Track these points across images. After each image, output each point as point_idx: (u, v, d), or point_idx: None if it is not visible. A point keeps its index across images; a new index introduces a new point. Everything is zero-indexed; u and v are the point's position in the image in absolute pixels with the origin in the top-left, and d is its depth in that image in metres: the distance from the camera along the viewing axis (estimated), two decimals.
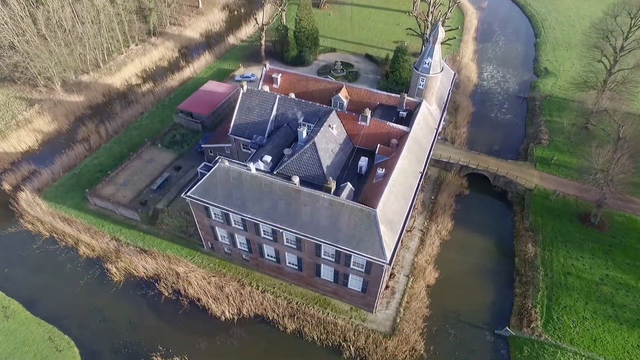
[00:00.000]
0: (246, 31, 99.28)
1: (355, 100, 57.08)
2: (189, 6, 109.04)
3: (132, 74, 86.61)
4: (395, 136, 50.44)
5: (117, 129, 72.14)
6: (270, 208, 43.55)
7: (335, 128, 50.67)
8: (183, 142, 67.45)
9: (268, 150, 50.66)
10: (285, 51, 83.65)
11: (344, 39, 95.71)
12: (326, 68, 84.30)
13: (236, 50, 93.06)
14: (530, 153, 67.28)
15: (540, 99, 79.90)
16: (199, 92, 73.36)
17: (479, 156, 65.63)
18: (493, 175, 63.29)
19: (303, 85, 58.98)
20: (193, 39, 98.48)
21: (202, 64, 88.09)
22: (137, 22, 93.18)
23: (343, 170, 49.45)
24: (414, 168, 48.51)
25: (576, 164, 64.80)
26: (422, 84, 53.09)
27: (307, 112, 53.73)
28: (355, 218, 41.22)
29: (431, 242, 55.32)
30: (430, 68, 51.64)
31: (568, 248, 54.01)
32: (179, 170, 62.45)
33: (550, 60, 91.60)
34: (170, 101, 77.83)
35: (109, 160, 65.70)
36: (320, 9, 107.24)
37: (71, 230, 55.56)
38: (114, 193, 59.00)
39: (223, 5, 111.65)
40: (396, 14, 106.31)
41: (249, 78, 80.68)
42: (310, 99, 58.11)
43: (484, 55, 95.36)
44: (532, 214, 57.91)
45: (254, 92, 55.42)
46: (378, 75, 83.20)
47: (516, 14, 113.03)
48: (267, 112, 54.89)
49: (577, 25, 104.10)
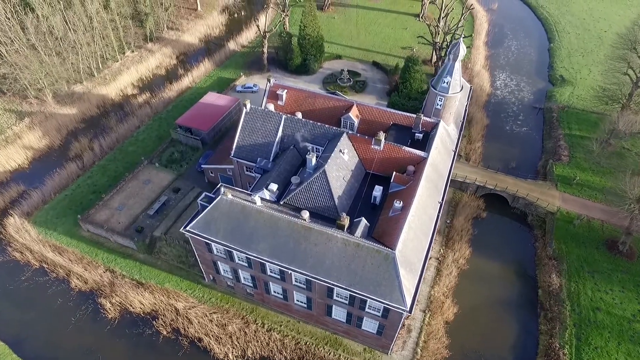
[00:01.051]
0: (247, 36, 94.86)
1: (366, 120, 53.10)
2: (187, 9, 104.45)
3: (128, 83, 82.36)
4: (412, 162, 46.56)
5: (112, 144, 68.12)
6: (277, 246, 39.76)
7: (347, 153, 46.76)
8: (182, 161, 63.47)
9: (274, 177, 46.77)
10: (288, 59, 79.43)
11: (349, 45, 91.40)
12: (332, 77, 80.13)
13: (237, 57, 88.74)
14: (550, 171, 63.43)
15: (557, 110, 75.92)
16: (198, 105, 69.24)
17: (496, 175, 61.80)
18: (512, 196, 59.51)
19: (310, 103, 54.95)
20: (192, 45, 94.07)
21: (202, 72, 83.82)
22: (132, 28, 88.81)
23: (355, 200, 45.58)
24: (433, 198, 44.68)
25: (599, 183, 61.26)
26: (440, 104, 49.12)
27: (315, 134, 49.82)
28: (372, 260, 37.45)
29: (448, 272, 51.67)
30: (450, 87, 47.65)
31: (596, 279, 50.37)
32: (178, 193, 58.54)
33: (566, 67, 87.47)
34: (168, 113, 73.72)
35: (103, 179, 61.79)
36: (324, 12, 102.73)
37: (62, 261, 51.78)
38: (109, 218, 55.13)
39: (223, 8, 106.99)
40: (403, 17, 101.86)
41: (251, 89, 76.54)
42: (318, 118, 54.23)
43: (496, 62, 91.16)
44: (555, 241, 54.19)
45: (258, 112, 51.41)
46: (387, 84, 79.04)
47: (528, 17, 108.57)
48: (272, 134, 50.94)
49: (592, 29, 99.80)
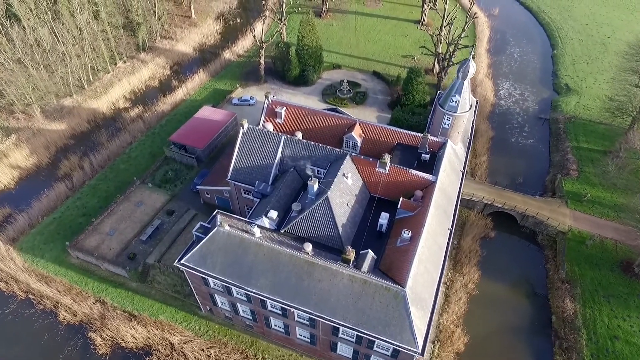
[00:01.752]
0: (243, 44, 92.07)
1: (370, 139, 50.61)
2: (181, 17, 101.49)
3: (120, 96, 79.40)
4: (419, 186, 44.10)
5: (102, 162, 65.24)
6: (278, 282, 37.18)
7: (350, 177, 44.23)
8: (176, 180, 60.68)
9: (273, 203, 44.16)
10: (286, 70, 76.78)
11: (348, 53, 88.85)
12: (331, 88, 77.55)
13: (233, 67, 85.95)
14: (559, 187, 61.20)
15: (563, 121, 73.75)
16: (193, 120, 66.44)
17: (504, 192, 59.47)
18: (521, 215, 57.21)
19: (310, 121, 52.39)
20: (186, 54, 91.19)
21: (196, 83, 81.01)
22: (124, 38, 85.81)
23: (360, 227, 43.08)
24: (442, 225, 42.24)
25: (611, 199, 59.13)
26: (448, 123, 46.71)
27: (317, 156, 47.24)
28: (380, 298, 34.95)
29: (457, 298, 49.28)
30: (459, 107, 45.23)
31: (612, 305, 48.12)
32: (172, 215, 55.80)
33: (570, 75, 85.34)
34: (161, 128, 70.87)
35: (94, 201, 58.95)
36: (322, 19, 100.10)
37: (50, 291, 48.93)
38: (99, 245, 52.31)
39: (217, 15, 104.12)
40: (403, 23, 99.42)
41: (248, 101, 73.82)
42: (319, 137, 51.75)
43: (499, 70, 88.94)
44: (568, 263, 51.94)
45: (256, 132, 48.79)
46: (388, 95, 76.58)
47: (529, 22, 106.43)
48: (271, 155, 48.32)
49: (595, 35, 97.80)
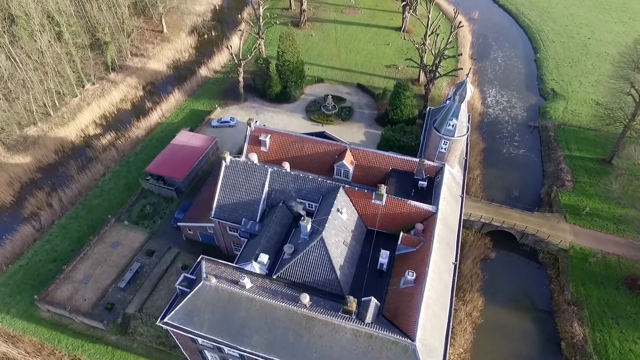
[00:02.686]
0: (220, 59, 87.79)
1: (362, 166, 47.53)
2: (152, 31, 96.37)
3: (90, 121, 74.15)
4: (419, 218, 41.24)
5: (73, 198, 60.26)
6: (274, 340, 33.63)
7: (345, 211, 41.01)
8: (155, 215, 56.28)
9: (263, 245, 40.58)
10: (267, 87, 73.04)
11: (330, 65, 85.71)
12: (315, 104, 74.21)
13: (210, 85, 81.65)
14: (555, 200, 59.51)
15: (553, 128, 72.42)
16: (170, 147, 62.00)
17: (501, 209, 57.35)
18: (520, 233, 55.14)
19: (297, 148, 48.95)
20: (159, 72, 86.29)
21: (172, 104, 76.43)
22: (91, 58, 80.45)
23: (359, 266, 39.91)
24: (446, 260, 39.47)
25: (609, 211, 57.71)
26: (445, 147, 44.02)
27: (307, 188, 43.86)
28: (388, 352, 31.83)
29: (462, 329, 46.67)
30: (456, 130, 42.58)
31: (621, 327, 46.35)
32: (152, 256, 51.47)
33: (555, 79, 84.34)
34: (136, 156, 66.15)
35: (65, 243, 54.07)
36: (301, 29, 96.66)
37: (18, 354, 44.05)
38: (72, 295, 47.63)
39: (191, 29, 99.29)
40: (384, 31, 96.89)
41: (228, 123, 69.76)
42: (307, 165, 48.49)
43: (484, 76, 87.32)
44: (572, 283, 50.05)
45: (240, 165, 45.06)
46: (374, 110, 73.75)
47: (510, 25, 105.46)
48: (257, 190, 44.70)
49: (576, 37, 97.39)
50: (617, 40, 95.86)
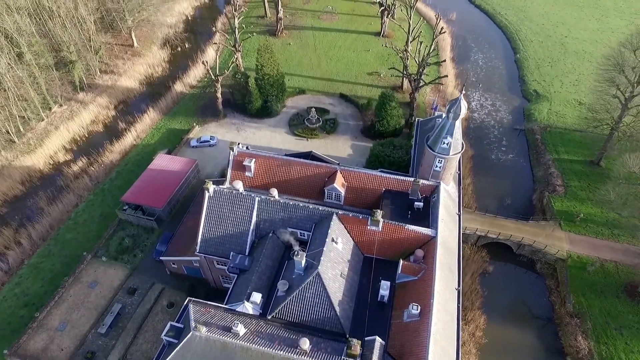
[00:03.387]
0: (195, 73, 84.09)
1: (354, 187, 45.22)
2: (121, 46, 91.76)
3: (59, 147, 69.49)
4: (419, 243, 39.22)
5: (44, 233, 55.94)
6: None
7: (340, 241, 38.61)
8: (135, 248, 52.64)
9: (255, 283, 37.83)
10: (247, 102, 69.95)
11: (311, 75, 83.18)
12: (298, 117, 71.56)
13: (186, 101, 77.92)
14: (548, 206, 58.66)
15: (539, 131, 71.86)
16: (147, 173, 58.32)
17: (496, 220, 56.06)
18: (517, 244, 53.95)
19: (285, 172, 46.27)
20: (131, 90, 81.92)
21: (147, 124, 72.43)
22: (57, 78, 75.54)
23: (359, 298, 37.61)
24: (450, 287, 37.55)
25: (602, 215, 57.18)
26: (440, 166, 42.13)
27: (298, 217, 41.27)
28: None
29: (466, 351, 44.93)
30: (451, 148, 40.72)
31: (625, 337, 45.51)
32: (135, 294, 47.90)
33: (537, 80, 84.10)
34: (111, 183, 62.15)
35: (37, 285, 49.92)
36: (278, 38, 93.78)
37: None
38: (47, 345, 43.70)
39: (163, 41, 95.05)
40: (364, 37, 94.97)
41: (209, 142, 66.40)
42: (296, 190, 45.90)
43: (467, 80, 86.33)
44: (573, 294, 49.05)
45: (224, 195, 42.12)
46: (359, 121, 71.61)
47: (488, 26, 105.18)
48: (244, 221, 41.87)
49: (553, 35, 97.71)
50: (593, 38, 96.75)
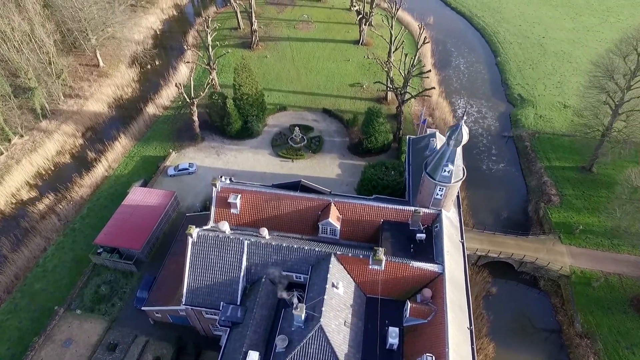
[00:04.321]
0: (168, 93, 79.24)
1: (349, 220, 42.09)
2: (86, 66, 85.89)
3: (21, 183, 63.75)
4: (425, 280, 36.44)
5: (9, 285, 50.65)
6: None
7: (342, 285, 35.42)
8: (113, 296, 48.01)
9: (251, 339, 34.21)
10: (226, 124, 65.87)
11: (291, 90, 79.66)
12: (281, 137, 67.96)
13: (160, 124, 73.08)
14: (545, 218, 57.13)
15: (528, 137, 70.61)
16: (122, 209, 53.63)
17: (495, 238, 54.03)
18: (519, 262, 52.05)
19: (274, 207, 42.71)
20: (100, 114, 76.43)
21: (119, 152, 67.38)
22: (16, 107, 69.49)
23: (366, 349, 34.44)
24: (462, 328, 34.86)
25: (599, 224, 55.98)
26: (441, 194, 39.47)
27: (292, 259, 37.85)
28: None
29: None
30: (452, 176, 38.10)
31: (638, 357, 44.02)
32: (115, 351, 43.37)
33: (520, 84, 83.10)
34: (83, 222, 57.10)
35: (2, 348, 44.80)
36: (254, 51, 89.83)
37: None
38: None
39: (131, 59, 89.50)
40: (342, 45, 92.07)
41: (187, 170, 62.05)
42: (287, 226, 42.51)
43: (450, 86, 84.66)
44: (580, 313, 47.37)
45: (209, 240, 38.35)
46: (345, 137, 68.61)
47: (466, 28, 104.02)
48: (233, 267, 38.20)
49: (531, 36, 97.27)
50: (570, 37, 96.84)
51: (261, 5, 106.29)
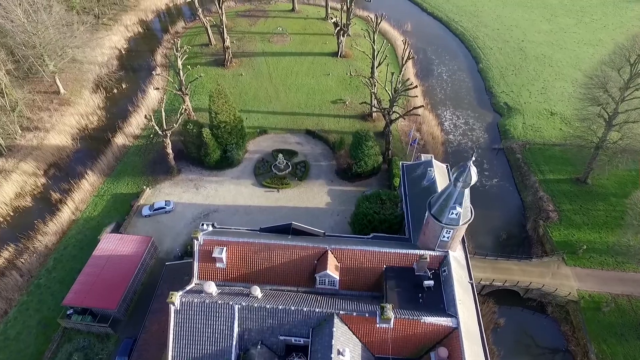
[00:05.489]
0: (138, 120, 73.45)
1: (349, 268, 38.34)
2: (45, 94, 79.03)
3: None
4: (439, 336, 33.03)
5: None
6: None
7: (348, 350, 31.59)
8: None
9: None
10: (204, 155, 60.99)
11: (271, 110, 75.28)
12: (264, 164, 63.56)
13: (131, 156, 67.42)
14: (546, 236, 55.00)
15: (519, 149, 68.64)
16: (93, 261, 48.20)
17: (498, 264, 51.38)
18: (525, 289, 49.53)
19: (264, 258, 38.54)
20: (63, 148, 69.99)
21: (86, 190, 61.53)
22: None
23: None
24: None
25: (601, 240, 54.33)
26: (448, 236, 36.17)
27: (290, 323, 33.75)
28: None
29: None
30: (460, 218, 34.84)
31: None
32: None
33: (505, 91, 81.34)
34: (49, 276, 51.31)
35: None
36: (228, 68, 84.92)
37: None
38: None
39: (95, 84, 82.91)
40: (320, 59, 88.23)
41: (164, 208, 56.89)
42: (281, 278, 38.54)
43: (435, 97, 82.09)
44: (593, 343, 45.09)
45: (194, 307, 33.92)
46: (332, 160, 64.74)
47: (445, 34, 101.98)
48: (224, 335, 33.84)
49: (510, 40, 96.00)
50: (548, 40, 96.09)
51: (232, 18, 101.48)
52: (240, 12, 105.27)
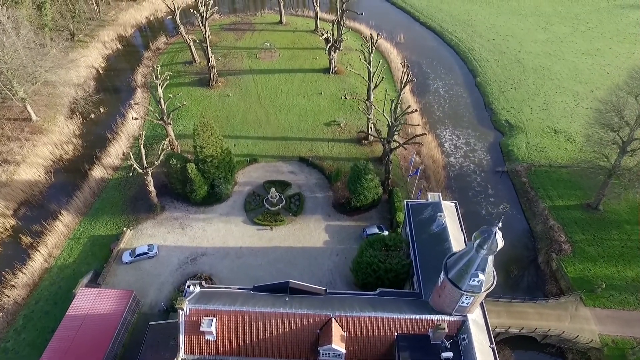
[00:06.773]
0: (117, 150, 68.09)
1: (355, 337, 33.99)
2: (15, 121, 73.13)
3: None
4: None
5: None
6: None
7: None
8: None
9: None
10: (190, 191, 56.02)
11: (261, 135, 70.48)
12: (255, 198, 58.86)
13: (110, 191, 62.02)
14: (559, 272, 51.49)
15: (524, 172, 65.22)
16: (67, 323, 42.94)
17: (512, 307, 47.58)
18: (543, 335, 45.77)
19: (260, 328, 33.97)
20: (35, 184, 64.33)
21: (61, 233, 56.09)
22: None
23: None
24: None
25: (619, 276, 50.99)
26: (468, 302, 32.04)
27: None
28: None
29: None
30: (482, 285, 30.73)
31: None
32: None
33: (505, 107, 77.95)
34: (17, 339, 45.86)
35: None
36: (213, 89, 79.95)
37: None
38: None
39: (70, 109, 77.12)
40: (311, 76, 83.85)
41: (147, 254, 51.79)
42: (278, 351, 34.34)
43: (433, 116, 78.32)
44: None
45: None
46: (328, 191, 60.32)
47: (439, 45, 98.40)
48: None
49: (507, 52, 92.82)
50: (545, 50, 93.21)
51: (217, 32, 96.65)
52: (225, 25, 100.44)
